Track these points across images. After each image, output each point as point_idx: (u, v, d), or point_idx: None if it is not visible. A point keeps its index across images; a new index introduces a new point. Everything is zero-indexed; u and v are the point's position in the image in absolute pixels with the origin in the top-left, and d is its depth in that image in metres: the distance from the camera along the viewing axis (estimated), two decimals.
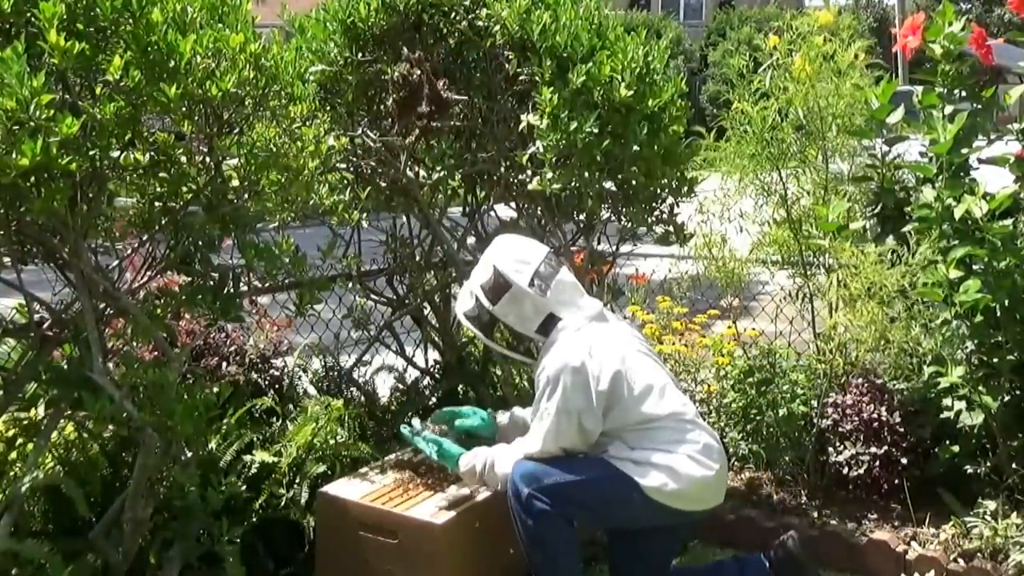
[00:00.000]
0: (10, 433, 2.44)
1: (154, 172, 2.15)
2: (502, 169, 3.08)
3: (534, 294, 2.45)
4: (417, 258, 3.36)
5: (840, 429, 3.04)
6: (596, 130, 2.74)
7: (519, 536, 2.43)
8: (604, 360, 2.39)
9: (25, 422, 2.42)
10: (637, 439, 2.40)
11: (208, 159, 2.17)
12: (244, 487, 2.58)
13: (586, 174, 2.86)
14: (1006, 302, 2.77)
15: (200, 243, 2.28)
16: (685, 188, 3.19)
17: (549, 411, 2.39)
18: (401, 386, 3.46)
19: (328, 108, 2.98)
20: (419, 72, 2.83)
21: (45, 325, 2.25)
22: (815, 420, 3.10)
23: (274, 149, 2.17)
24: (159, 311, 2.25)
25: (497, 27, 2.85)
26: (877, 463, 2.97)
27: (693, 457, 2.38)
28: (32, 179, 1.86)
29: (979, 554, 2.72)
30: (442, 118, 2.92)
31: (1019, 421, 2.88)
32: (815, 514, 3.02)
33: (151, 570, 2.39)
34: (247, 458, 2.66)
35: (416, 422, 2.71)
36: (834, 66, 3.09)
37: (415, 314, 3.48)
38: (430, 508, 2.53)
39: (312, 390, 3.24)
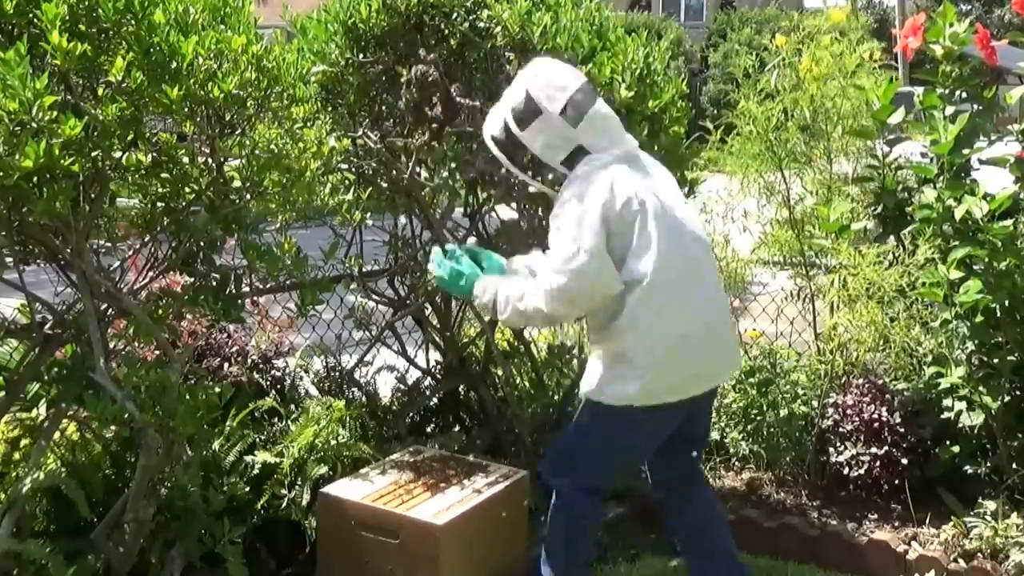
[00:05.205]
0: (13, 434, 2.44)
1: (156, 173, 2.15)
2: (503, 170, 3.07)
3: (565, 123, 2.28)
4: (419, 258, 3.36)
5: (841, 429, 3.05)
6: None
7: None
8: (624, 194, 2.22)
9: (27, 422, 2.43)
10: (620, 325, 2.23)
11: (210, 160, 2.17)
12: (246, 488, 2.58)
13: None
14: (1006, 302, 2.77)
15: (202, 244, 2.28)
16: (686, 189, 3.19)
17: (563, 242, 2.23)
18: (402, 386, 3.46)
19: (329, 109, 2.99)
20: (435, 75, 2.82)
21: (47, 325, 2.25)
22: (816, 420, 3.11)
23: (276, 150, 2.18)
24: (161, 312, 2.26)
25: (498, 28, 2.85)
26: (877, 463, 2.97)
27: (680, 337, 2.23)
28: (35, 180, 1.86)
29: (979, 554, 2.73)
30: (453, 122, 2.91)
31: (1019, 421, 2.89)
32: (815, 514, 3.02)
33: (153, 570, 2.40)
34: (249, 459, 2.67)
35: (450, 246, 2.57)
36: (841, 66, 3.10)
37: (416, 314, 3.48)
38: (431, 508, 2.53)
39: (314, 390, 3.24)
